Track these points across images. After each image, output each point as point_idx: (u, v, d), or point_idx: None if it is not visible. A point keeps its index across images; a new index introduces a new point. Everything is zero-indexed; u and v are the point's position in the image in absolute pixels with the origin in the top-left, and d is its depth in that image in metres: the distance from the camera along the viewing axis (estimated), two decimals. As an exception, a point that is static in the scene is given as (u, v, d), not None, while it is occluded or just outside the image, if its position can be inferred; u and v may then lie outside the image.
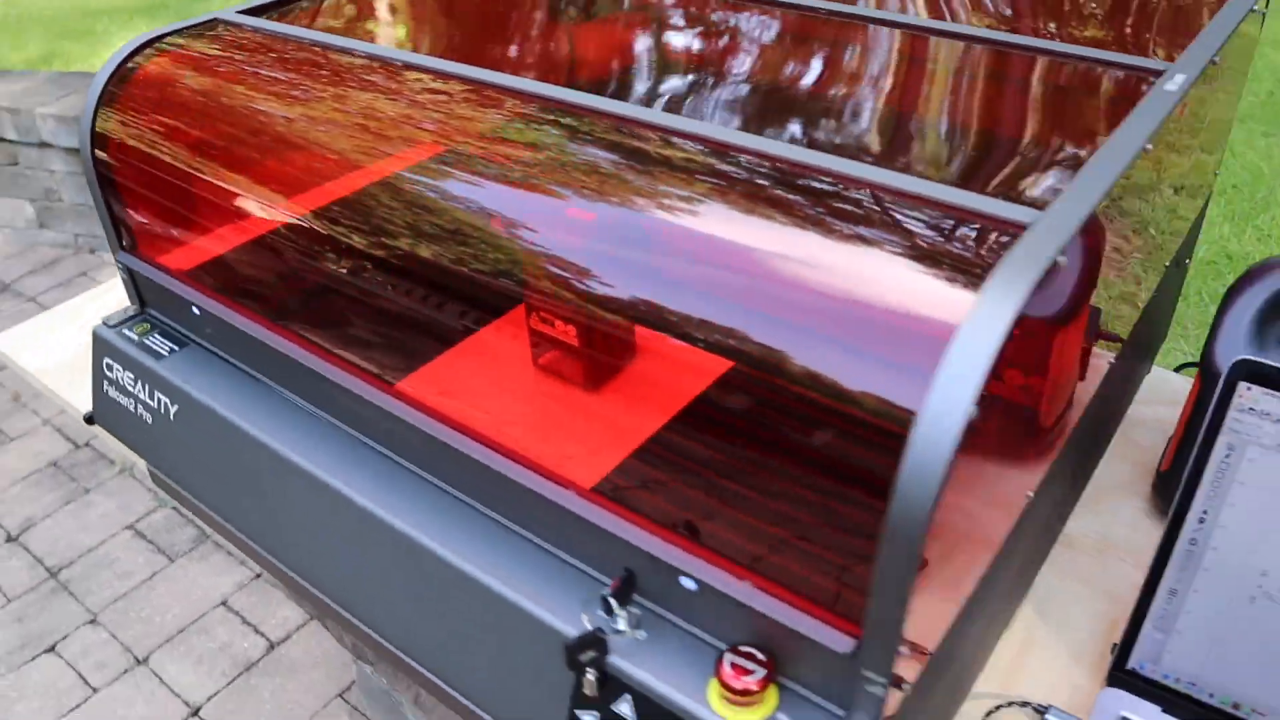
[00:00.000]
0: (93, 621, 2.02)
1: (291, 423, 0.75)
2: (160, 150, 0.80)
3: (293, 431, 0.74)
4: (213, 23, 0.87)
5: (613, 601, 0.55)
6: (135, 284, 0.88)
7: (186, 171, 0.79)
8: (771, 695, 0.53)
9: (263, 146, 0.75)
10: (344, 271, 0.71)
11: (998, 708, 0.73)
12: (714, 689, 0.53)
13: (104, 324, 0.89)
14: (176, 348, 0.85)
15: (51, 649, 1.97)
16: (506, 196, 0.61)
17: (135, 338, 0.86)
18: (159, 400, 0.83)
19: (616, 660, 0.56)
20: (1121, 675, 0.74)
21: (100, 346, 0.88)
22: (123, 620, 2.02)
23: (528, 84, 0.69)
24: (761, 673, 0.52)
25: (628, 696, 0.55)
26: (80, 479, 2.35)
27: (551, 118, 0.66)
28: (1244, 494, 0.69)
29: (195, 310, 0.82)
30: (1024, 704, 0.73)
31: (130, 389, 0.86)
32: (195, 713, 1.84)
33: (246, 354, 0.80)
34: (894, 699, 0.50)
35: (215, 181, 0.78)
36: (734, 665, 0.52)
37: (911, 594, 0.44)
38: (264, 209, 0.75)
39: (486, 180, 0.63)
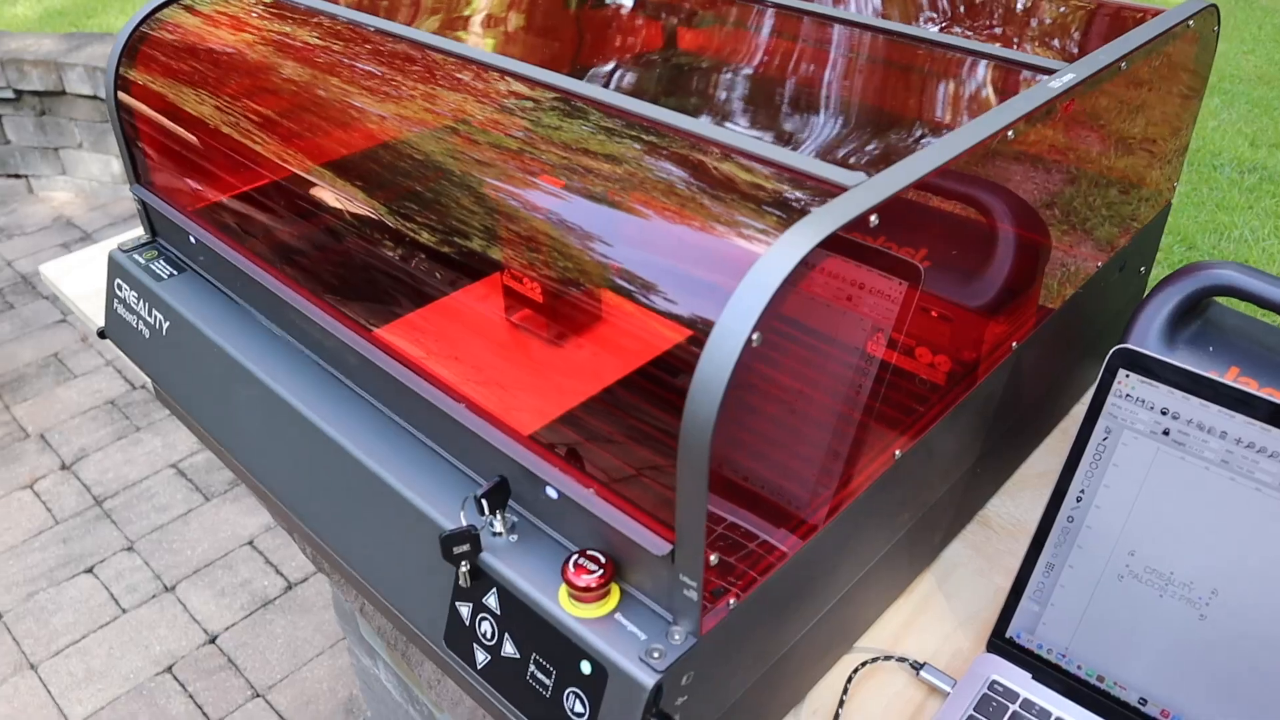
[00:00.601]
0: (129, 549, 2.16)
1: (256, 340, 0.84)
2: (172, 97, 0.89)
3: (256, 347, 0.83)
4: (230, -16, 0.96)
5: (483, 502, 0.62)
6: (147, 214, 0.98)
7: (194, 117, 0.89)
8: (613, 596, 0.59)
9: (262, 100, 0.84)
10: (324, 222, 0.80)
11: (874, 659, 0.78)
12: (564, 588, 0.60)
13: (119, 249, 0.99)
14: (176, 273, 0.94)
15: (90, 570, 2.11)
16: (478, 164, 0.69)
17: (142, 262, 0.96)
18: (156, 318, 0.93)
19: (488, 558, 0.63)
20: (999, 643, 0.79)
21: (113, 268, 0.98)
22: (156, 550, 2.15)
23: (497, 59, 0.77)
24: (599, 572, 0.58)
25: (495, 591, 0.63)
26: (133, 417, 2.50)
27: (508, 91, 0.73)
28: (1118, 476, 0.74)
29: (192, 239, 0.91)
30: (902, 659, 0.78)
31: (135, 307, 0.96)
32: (212, 640, 1.96)
33: (227, 279, 0.89)
34: (721, 610, 0.57)
35: (219, 127, 0.87)
36: (577, 565, 0.59)
37: (704, 500, 0.50)
38: (258, 157, 0.84)
39: (462, 149, 0.71)
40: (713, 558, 0.53)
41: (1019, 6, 0.91)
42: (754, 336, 0.47)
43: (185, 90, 0.89)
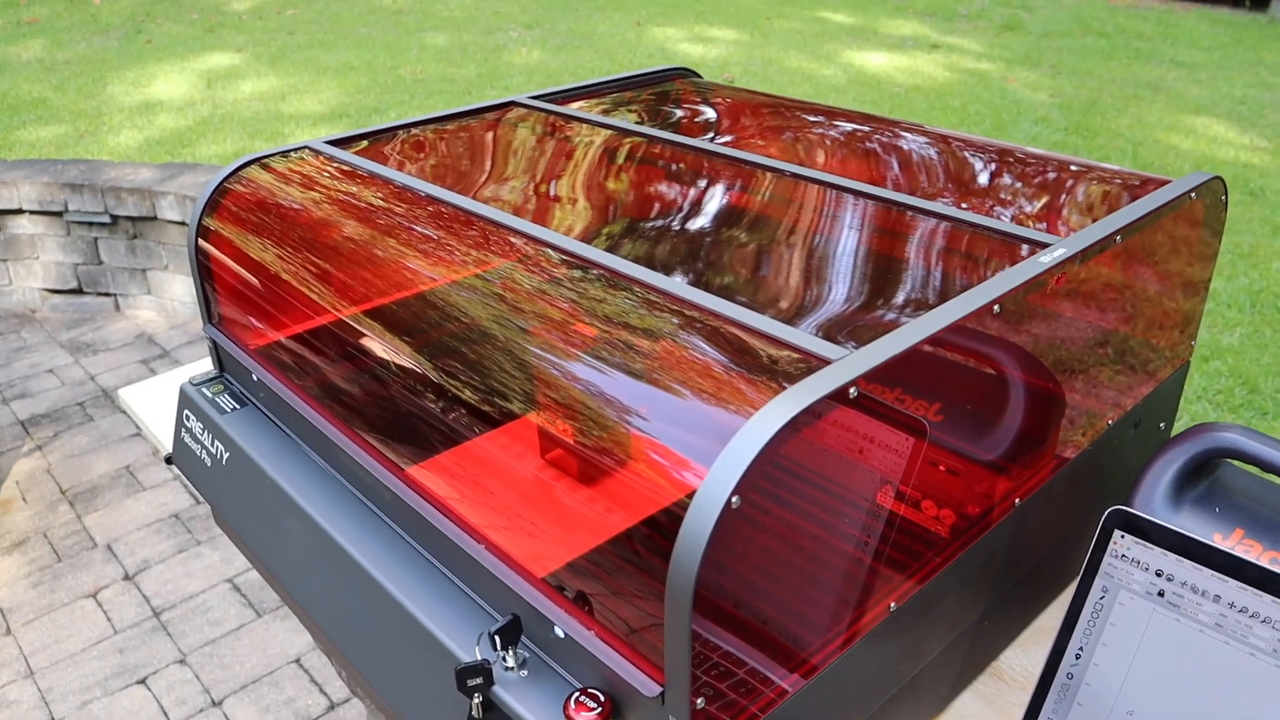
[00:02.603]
0: (182, 661, 2.21)
1: (303, 473, 0.91)
2: (244, 246, 0.99)
3: (302, 479, 0.90)
4: (303, 149, 1.07)
5: (495, 638, 0.67)
6: (216, 352, 1.06)
7: (262, 265, 0.98)
8: (611, 734, 0.63)
9: (325, 255, 0.93)
10: (368, 366, 0.88)
11: (878, 808, 0.79)
12: (566, 723, 0.64)
13: (190, 382, 1.08)
14: (239, 406, 1.02)
15: (142, 681, 2.17)
16: (512, 321, 0.76)
17: (210, 395, 1.05)
18: (218, 448, 1.01)
19: (499, 691, 0.67)
20: (1004, 797, 0.79)
21: (183, 400, 1.07)
22: (207, 664, 2.20)
23: (525, 225, 0.85)
24: (598, 710, 0.62)
25: (503, 723, 0.67)
26: (195, 531, 2.59)
27: (547, 261, 0.81)
28: (1115, 635, 0.76)
29: (254, 377, 0.99)
30: (906, 810, 0.79)
31: (199, 437, 1.04)
32: (253, 757, 1.98)
33: (281, 415, 0.96)
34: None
35: (285, 277, 0.96)
36: (578, 702, 0.63)
37: (688, 648, 0.54)
38: (315, 305, 0.92)
39: (497, 307, 0.78)
40: (699, 701, 0.57)
41: (1021, 174, 0.97)
42: (734, 500, 0.52)
43: (256, 241, 0.99)
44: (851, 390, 0.57)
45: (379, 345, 0.86)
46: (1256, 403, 2.58)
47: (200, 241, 1.04)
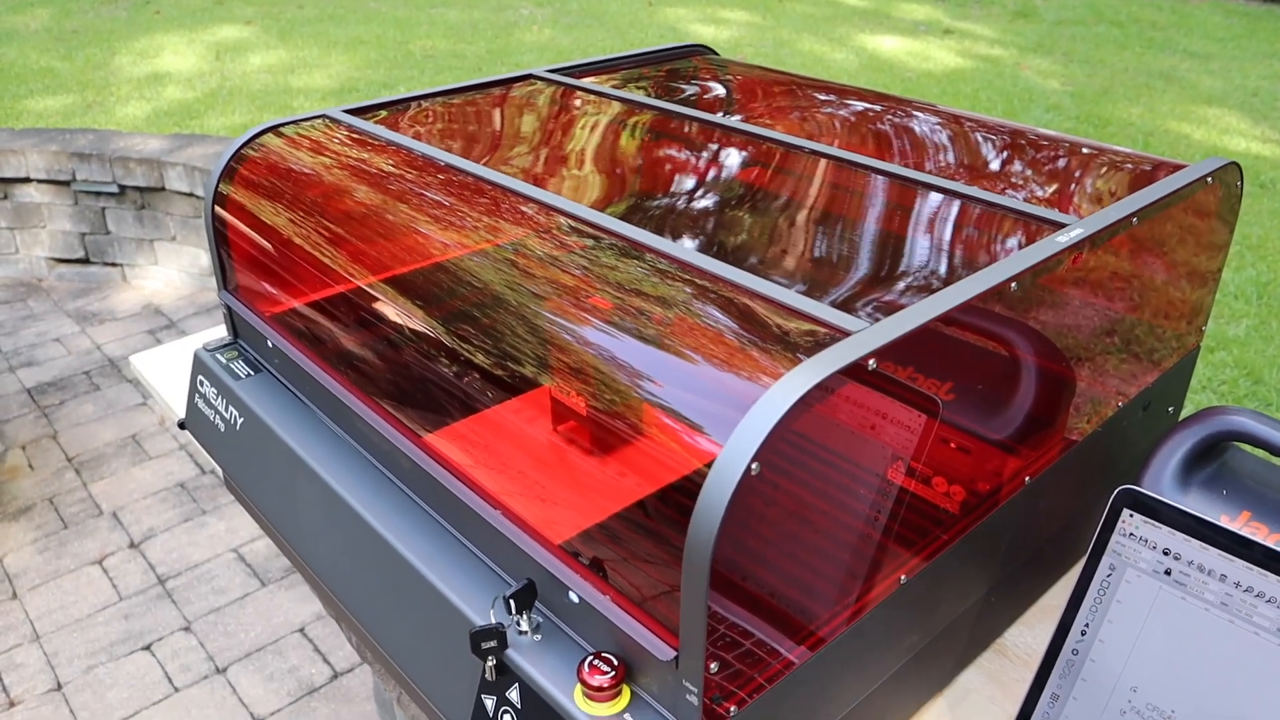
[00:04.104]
0: (186, 629, 2.23)
1: (319, 439, 0.91)
2: (260, 214, 0.99)
3: (318, 445, 0.90)
4: (321, 117, 1.07)
5: (511, 603, 0.67)
6: (231, 318, 1.07)
7: (278, 232, 0.98)
8: (624, 697, 0.64)
9: (341, 222, 0.94)
10: (382, 333, 0.88)
11: (880, 779, 0.80)
12: (579, 687, 0.65)
13: (204, 348, 1.08)
14: (253, 373, 1.03)
15: (147, 647, 2.18)
16: (526, 289, 0.77)
17: (224, 361, 1.05)
18: (231, 413, 1.01)
19: (513, 655, 0.68)
20: (1005, 771, 0.80)
21: (197, 365, 1.07)
22: (211, 632, 2.22)
23: (545, 195, 0.85)
24: (611, 673, 0.63)
25: (517, 686, 0.67)
26: (200, 501, 2.60)
27: (564, 229, 0.81)
28: (1121, 612, 0.76)
29: (269, 344, 1.00)
30: (908, 782, 0.80)
31: (213, 403, 1.05)
32: (257, 724, 2.00)
33: (297, 381, 0.97)
34: (722, 716, 0.61)
35: (299, 243, 0.96)
36: (591, 665, 0.64)
37: (704, 613, 0.55)
38: (331, 271, 0.93)
39: (513, 275, 0.78)
40: (713, 666, 0.58)
41: (1038, 156, 0.98)
42: (753, 466, 0.52)
43: (272, 208, 0.99)
44: (870, 362, 0.58)
45: (394, 312, 0.86)
46: (1261, 394, 2.59)
47: (216, 208, 1.04)
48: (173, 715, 2.02)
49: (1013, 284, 0.69)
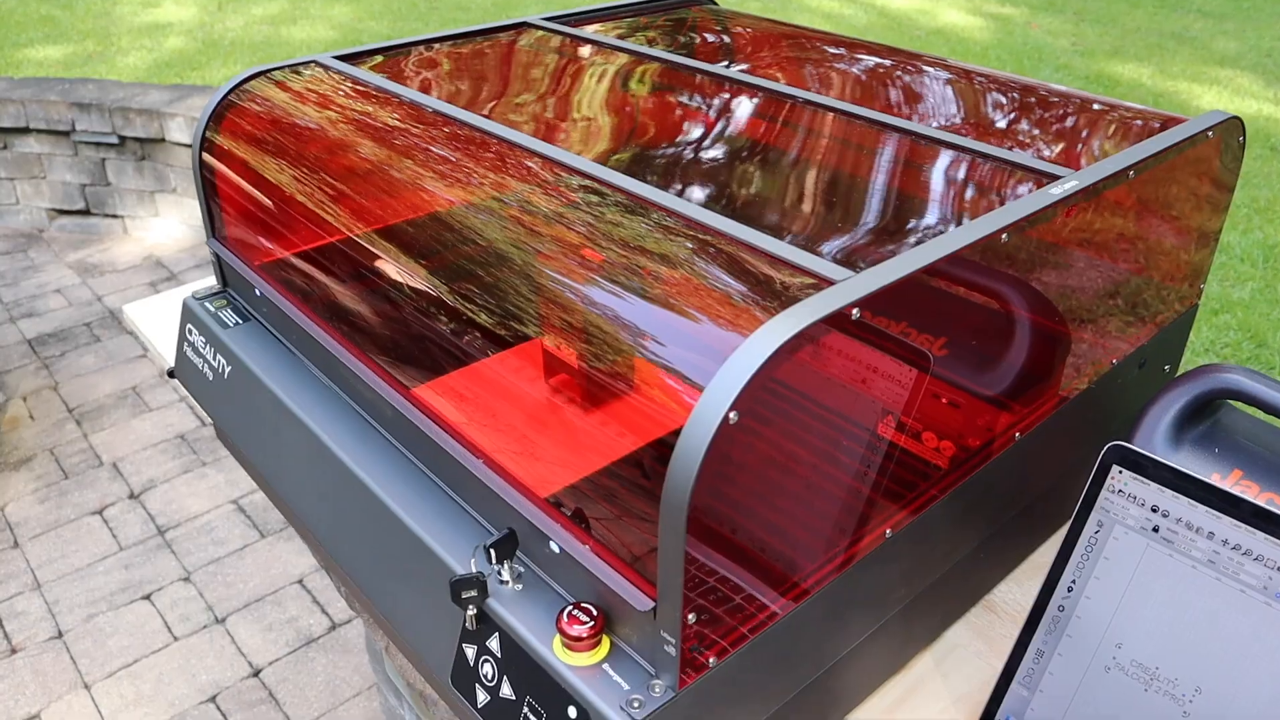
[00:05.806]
0: (186, 579, 2.25)
1: (306, 388, 0.91)
2: (249, 161, 0.98)
3: (304, 394, 0.90)
4: (311, 63, 1.05)
5: (492, 552, 0.67)
6: (220, 266, 1.06)
7: (267, 180, 0.97)
8: (603, 647, 0.64)
9: (329, 169, 0.92)
10: (371, 283, 0.87)
11: (865, 732, 0.81)
12: (558, 637, 0.64)
13: (193, 296, 1.08)
14: (241, 321, 1.02)
15: (147, 597, 2.20)
16: (515, 240, 0.76)
17: (212, 310, 1.04)
18: (219, 362, 1.01)
19: (494, 604, 0.68)
20: (988, 726, 0.80)
21: (186, 314, 1.07)
22: (211, 582, 2.24)
23: (541, 145, 0.84)
24: (590, 624, 0.63)
25: (497, 635, 0.67)
26: (200, 452, 2.61)
27: (539, 172, 0.80)
28: (1108, 568, 0.76)
29: (257, 292, 0.99)
30: (893, 734, 0.80)
31: (202, 351, 1.04)
32: (256, 673, 2.02)
33: (285, 330, 0.96)
34: (701, 666, 0.60)
35: (289, 191, 0.95)
36: (570, 615, 0.63)
37: (681, 562, 0.55)
38: (322, 220, 0.92)
39: (500, 226, 0.77)
40: (691, 616, 0.57)
41: (1038, 109, 0.96)
42: (731, 415, 0.52)
43: (261, 155, 0.98)
44: (854, 311, 0.57)
45: (382, 262, 0.86)
46: (1264, 357, 2.57)
47: (204, 155, 1.03)
48: (173, 664, 2.04)
49: (1004, 235, 0.67)
